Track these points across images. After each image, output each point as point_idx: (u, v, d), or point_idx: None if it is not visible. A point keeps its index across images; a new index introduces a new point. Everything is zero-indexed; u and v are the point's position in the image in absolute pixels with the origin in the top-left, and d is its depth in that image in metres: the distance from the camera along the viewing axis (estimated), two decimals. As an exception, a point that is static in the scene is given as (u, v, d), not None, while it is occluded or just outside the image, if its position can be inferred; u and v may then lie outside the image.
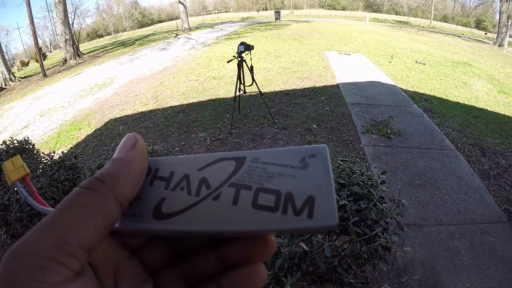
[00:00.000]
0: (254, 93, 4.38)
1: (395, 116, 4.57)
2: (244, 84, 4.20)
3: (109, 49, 17.18)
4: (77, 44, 16.01)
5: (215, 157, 0.25)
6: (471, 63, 9.97)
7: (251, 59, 4.14)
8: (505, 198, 2.95)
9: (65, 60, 14.74)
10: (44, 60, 14.74)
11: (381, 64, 8.50)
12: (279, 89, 6.22)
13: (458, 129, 4.49)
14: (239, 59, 3.96)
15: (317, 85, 6.42)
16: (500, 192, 3.06)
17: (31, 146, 2.93)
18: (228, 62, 4.17)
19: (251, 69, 4.11)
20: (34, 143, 3.01)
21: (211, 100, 5.89)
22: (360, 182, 1.42)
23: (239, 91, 4.18)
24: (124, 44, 18.38)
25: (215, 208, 0.23)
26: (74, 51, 14.89)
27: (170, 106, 5.79)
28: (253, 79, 4.16)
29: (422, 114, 4.95)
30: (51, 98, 8.28)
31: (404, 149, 3.78)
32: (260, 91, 4.25)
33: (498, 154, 3.85)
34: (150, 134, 4.65)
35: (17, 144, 2.83)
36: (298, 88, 6.27)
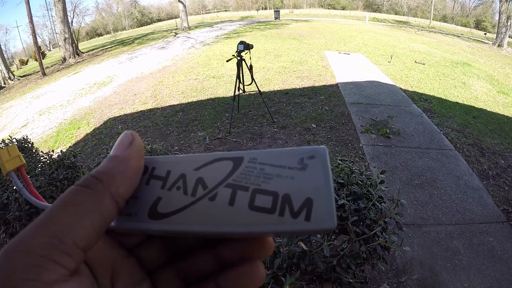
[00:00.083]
0: (254, 92, 4.39)
1: (394, 116, 4.57)
2: (243, 83, 4.19)
3: (108, 48, 17.15)
4: (76, 43, 15.97)
5: (212, 157, 0.24)
6: (470, 63, 9.98)
7: (250, 58, 4.13)
8: (504, 198, 2.96)
9: (64, 59, 14.71)
10: (43, 58, 14.70)
11: (380, 64, 8.50)
12: (279, 89, 6.21)
13: (457, 129, 4.50)
14: (239, 58, 3.96)
15: (316, 84, 6.42)
16: (499, 192, 3.06)
17: (30, 145, 2.93)
18: (227, 61, 4.16)
19: (251, 68, 4.10)
20: (33, 142, 3.01)
21: (210, 99, 5.89)
22: (359, 182, 1.42)
23: (239, 90, 4.17)
24: (123, 43, 18.34)
25: (211, 209, 0.22)
26: (73, 49, 14.86)
27: (169, 105, 5.79)
28: (253, 78, 4.16)
29: (421, 114, 4.95)
30: (50, 97, 8.26)
31: (403, 149, 3.79)
32: (259, 90, 4.25)
33: (497, 154, 3.85)
34: (149, 133, 4.64)
35: (16, 143, 2.83)
36: (298, 87, 6.27)
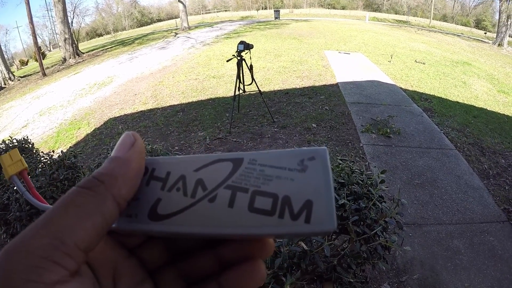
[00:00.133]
0: (254, 92, 4.38)
1: (395, 116, 4.56)
2: (243, 83, 4.19)
3: (108, 48, 17.15)
4: (76, 43, 15.98)
5: (212, 158, 0.24)
6: (470, 62, 9.97)
7: (250, 58, 4.13)
8: (505, 198, 2.96)
9: (65, 59, 14.72)
10: (43, 59, 14.70)
11: (380, 63, 8.49)
12: (279, 88, 6.21)
13: (458, 128, 4.49)
14: (239, 58, 3.96)
15: (316, 84, 6.41)
16: (500, 191, 3.06)
17: (30, 145, 2.93)
18: (227, 61, 4.16)
19: (251, 68, 4.10)
20: (33, 142, 3.02)
21: (211, 99, 5.88)
22: (360, 181, 1.42)
23: (239, 90, 4.17)
24: (123, 43, 18.34)
25: (211, 211, 0.22)
26: (73, 50, 14.87)
27: (169, 105, 5.79)
28: (253, 78, 4.16)
29: (422, 113, 4.95)
30: (50, 97, 8.26)
31: (404, 149, 3.79)
32: (259, 90, 4.25)
33: (498, 154, 3.85)
34: (149, 133, 4.64)
35: (16, 143, 2.83)
36: (298, 87, 6.26)
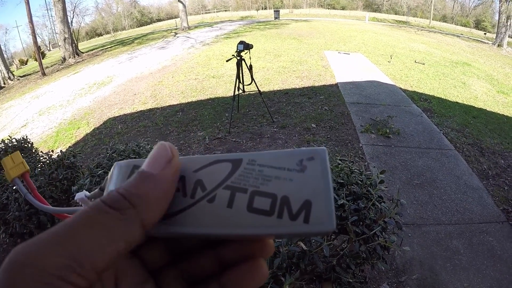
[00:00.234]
0: (253, 92, 4.38)
1: (394, 116, 4.57)
2: (243, 83, 4.19)
3: (108, 48, 17.14)
4: (76, 42, 15.97)
5: (211, 159, 0.24)
6: (470, 63, 9.98)
7: (250, 58, 4.13)
8: (504, 198, 2.96)
9: (64, 59, 14.70)
10: (43, 58, 14.68)
11: (380, 64, 8.50)
12: (278, 88, 6.21)
13: (457, 129, 4.50)
14: (238, 58, 3.96)
15: (316, 84, 6.42)
16: (499, 192, 3.06)
17: (29, 145, 2.93)
18: (227, 61, 4.15)
19: (250, 68, 4.10)
20: (32, 142, 3.02)
21: (210, 99, 5.88)
22: (359, 182, 1.42)
23: (238, 90, 4.17)
24: (123, 43, 18.33)
25: (210, 211, 0.22)
26: (73, 49, 14.85)
27: (169, 105, 5.79)
28: (252, 78, 4.16)
29: (421, 113, 4.95)
30: (50, 97, 8.25)
31: (403, 149, 3.79)
32: (259, 90, 4.25)
33: (497, 154, 3.86)
34: (149, 133, 4.64)
35: (15, 143, 2.83)
36: (297, 87, 6.27)
